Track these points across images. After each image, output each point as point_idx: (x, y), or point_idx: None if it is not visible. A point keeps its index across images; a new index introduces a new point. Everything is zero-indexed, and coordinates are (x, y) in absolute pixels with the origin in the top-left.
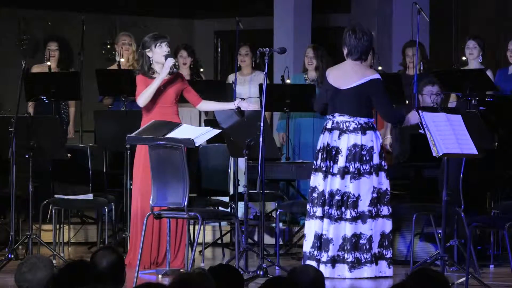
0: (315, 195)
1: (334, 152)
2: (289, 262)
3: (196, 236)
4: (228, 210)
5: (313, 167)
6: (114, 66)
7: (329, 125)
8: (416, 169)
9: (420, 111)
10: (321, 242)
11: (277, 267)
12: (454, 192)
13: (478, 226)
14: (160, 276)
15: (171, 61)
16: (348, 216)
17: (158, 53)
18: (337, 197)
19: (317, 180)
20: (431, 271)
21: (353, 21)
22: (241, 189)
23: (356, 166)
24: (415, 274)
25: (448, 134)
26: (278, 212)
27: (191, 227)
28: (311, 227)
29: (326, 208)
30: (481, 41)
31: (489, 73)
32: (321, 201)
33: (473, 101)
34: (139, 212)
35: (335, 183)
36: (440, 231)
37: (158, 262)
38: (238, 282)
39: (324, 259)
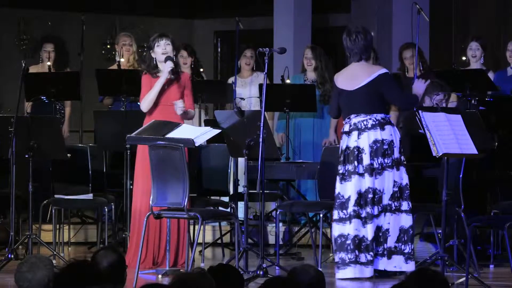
0: (338, 200)
1: (356, 152)
2: (289, 262)
3: (196, 236)
4: (228, 210)
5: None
6: (114, 66)
7: (346, 128)
8: (416, 169)
9: (420, 111)
10: (359, 244)
11: (277, 267)
12: (454, 192)
13: (478, 226)
14: (160, 276)
15: (169, 64)
16: (375, 212)
17: (158, 53)
18: (370, 195)
19: (336, 185)
20: (431, 271)
21: (349, 24)
22: (241, 189)
23: (379, 162)
24: (415, 274)
25: (448, 134)
26: (278, 212)
27: (191, 227)
28: (345, 231)
29: (355, 208)
30: (484, 42)
31: (490, 74)
32: (337, 203)
33: (473, 101)
34: (139, 212)
35: (365, 182)
36: (440, 231)
37: (158, 262)
38: (238, 282)
39: (363, 260)
